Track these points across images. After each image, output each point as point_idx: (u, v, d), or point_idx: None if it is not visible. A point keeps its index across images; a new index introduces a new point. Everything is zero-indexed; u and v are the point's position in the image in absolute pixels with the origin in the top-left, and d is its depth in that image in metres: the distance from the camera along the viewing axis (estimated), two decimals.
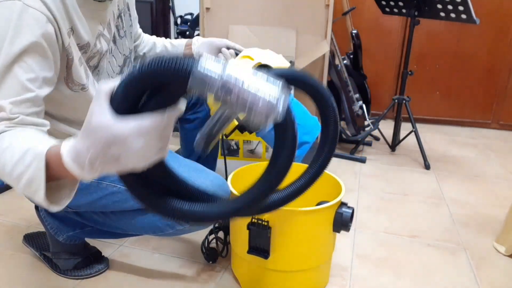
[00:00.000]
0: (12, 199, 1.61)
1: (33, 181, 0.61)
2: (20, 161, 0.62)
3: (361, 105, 2.26)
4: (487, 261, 1.31)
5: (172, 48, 1.28)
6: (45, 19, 0.76)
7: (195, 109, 1.28)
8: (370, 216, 1.57)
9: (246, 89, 0.45)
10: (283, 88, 0.47)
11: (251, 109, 0.46)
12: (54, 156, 0.58)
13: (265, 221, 1.00)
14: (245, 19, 2.01)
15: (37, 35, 0.75)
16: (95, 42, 0.92)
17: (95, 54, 0.94)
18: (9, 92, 0.74)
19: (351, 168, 2.06)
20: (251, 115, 0.46)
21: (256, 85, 0.46)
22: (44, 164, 0.59)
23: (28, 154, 0.62)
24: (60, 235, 1.13)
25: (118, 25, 1.03)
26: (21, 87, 0.75)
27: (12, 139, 0.68)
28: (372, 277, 1.21)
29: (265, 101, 0.45)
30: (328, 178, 1.20)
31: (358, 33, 2.34)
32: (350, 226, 1.05)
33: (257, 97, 0.45)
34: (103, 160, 0.50)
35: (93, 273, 1.17)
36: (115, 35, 1.02)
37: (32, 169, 0.60)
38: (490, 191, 1.84)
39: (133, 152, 0.49)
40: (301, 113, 1.16)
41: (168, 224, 1.02)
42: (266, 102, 0.45)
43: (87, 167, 0.52)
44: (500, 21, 2.62)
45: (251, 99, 0.45)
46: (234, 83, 0.45)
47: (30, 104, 0.77)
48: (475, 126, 2.89)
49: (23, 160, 0.62)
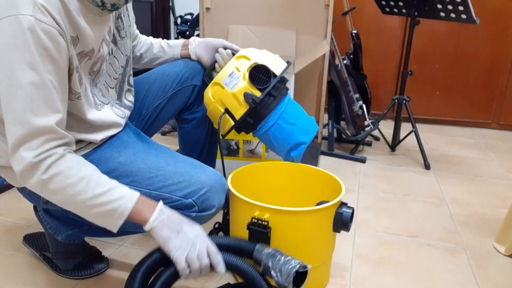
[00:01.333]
0: (12, 199, 1.62)
1: (115, 213, 0.84)
2: (107, 193, 0.83)
3: (361, 105, 2.26)
4: (487, 261, 1.31)
5: (169, 48, 1.29)
6: (56, 32, 0.78)
7: (193, 109, 1.28)
8: (370, 216, 1.57)
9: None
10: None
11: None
12: (136, 208, 0.86)
13: (265, 221, 1.00)
14: (245, 19, 2.01)
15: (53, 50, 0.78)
16: (99, 47, 0.93)
17: (99, 59, 0.95)
18: (47, 109, 0.80)
19: (351, 168, 2.06)
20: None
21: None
22: (132, 206, 0.85)
23: (117, 190, 0.85)
24: (59, 235, 1.13)
25: (118, 26, 1.03)
26: (53, 105, 0.81)
27: (89, 171, 0.85)
28: (372, 277, 1.21)
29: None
30: (328, 178, 1.20)
31: (358, 33, 2.34)
32: (350, 226, 1.05)
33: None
34: (170, 240, 0.85)
35: (93, 273, 1.17)
36: (115, 36, 1.02)
37: (119, 204, 0.84)
38: (490, 191, 1.85)
39: (190, 236, 0.86)
40: (298, 114, 1.16)
41: None
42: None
43: (152, 224, 0.86)
44: (500, 21, 2.62)
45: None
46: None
47: (63, 122, 0.84)
48: (475, 126, 2.89)
49: (110, 193, 0.84)
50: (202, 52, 1.25)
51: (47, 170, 0.80)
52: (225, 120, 1.12)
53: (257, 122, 1.13)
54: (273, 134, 1.14)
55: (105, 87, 1.03)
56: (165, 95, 1.23)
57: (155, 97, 1.23)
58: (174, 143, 2.36)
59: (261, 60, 1.10)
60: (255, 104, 1.07)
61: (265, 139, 1.17)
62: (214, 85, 1.11)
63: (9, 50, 0.74)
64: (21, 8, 0.74)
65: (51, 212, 1.12)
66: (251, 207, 1.01)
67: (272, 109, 1.12)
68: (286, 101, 1.14)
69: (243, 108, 1.09)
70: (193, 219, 0.95)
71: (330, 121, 2.23)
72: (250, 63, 1.09)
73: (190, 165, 0.98)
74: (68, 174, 0.82)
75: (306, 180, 1.27)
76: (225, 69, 1.11)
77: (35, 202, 1.04)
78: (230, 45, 1.24)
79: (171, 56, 1.28)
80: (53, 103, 0.80)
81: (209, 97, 1.13)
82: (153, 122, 1.25)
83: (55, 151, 0.82)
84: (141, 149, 1.02)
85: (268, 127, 1.13)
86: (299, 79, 2.07)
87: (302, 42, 2.00)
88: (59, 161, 0.82)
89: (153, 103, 1.23)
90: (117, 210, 0.84)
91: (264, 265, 0.91)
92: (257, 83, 1.08)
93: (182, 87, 1.23)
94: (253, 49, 1.15)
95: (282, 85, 1.15)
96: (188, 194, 0.95)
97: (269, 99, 1.10)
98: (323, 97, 2.10)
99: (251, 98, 1.07)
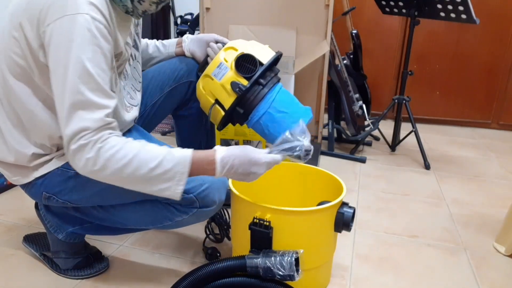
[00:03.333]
0: (12, 199, 1.61)
1: (175, 177, 0.85)
2: (164, 159, 0.84)
3: (361, 105, 2.26)
4: (487, 261, 1.31)
5: (164, 48, 1.30)
6: (106, 32, 0.83)
7: (189, 105, 1.30)
8: (370, 216, 1.57)
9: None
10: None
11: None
12: (196, 160, 0.87)
13: (266, 221, 1.00)
14: (245, 19, 2.01)
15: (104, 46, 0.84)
16: (125, 50, 0.98)
17: (124, 61, 0.99)
18: (104, 98, 0.84)
19: (351, 168, 2.06)
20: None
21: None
22: (188, 170, 0.86)
23: (169, 156, 0.85)
24: (60, 233, 1.13)
25: (138, 33, 1.10)
26: (108, 93, 0.85)
27: (139, 146, 0.86)
28: (372, 277, 1.21)
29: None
30: (329, 178, 1.20)
31: (358, 33, 2.34)
32: (351, 226, 1.05)
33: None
34: (237, 169, 0.88)
35: (93, 272, 1.17)
36: (136, 41, 1.08)
37: (178, 167, 0.85)
38: (490, 191, 1.85)
39: (259, 172, 0.90)
40: (289, 102, 1.15)
41: (166, 216, 1.02)
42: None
43: (226, 169, 0.87)
44: (500, 21, 2.62)
45: None
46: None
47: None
48: (475, 126, 2.89)
49: (166, 159, 0.85)
50: (195, 48, 1.27)
51: (97, 158, 0.82)
52: (216, 111, 1.12)
53: (247, 112, 1.12)
54: (265, 123, 1.13)
55: (132, 90, 1.08)
56: (162, 92, 1.25)
57: (152, 94, 1.25)
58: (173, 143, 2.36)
59: (248, 50, 1.10)
60: (242, 93, 1.07)
61: (257, 129, 1.17)
62: (204, 77, 1.12)
63: (74, 45, 0.79)
64: (79, 7, 0.79)
65: (52, 209, 1.13)
66: (252, 207, 1.01)
67: (261, 97, 1.11)
68: (276, 90, 1.13)
69: (231, 98, 1.09)
70: (194, 214, 0.96)
71: (330, 121, 2.23)
72: (237, 53, 1.09)
73: None
74: (119, 157, 0.83)
75: (307, 180, 1.27)
76: (214, 61, 1.11)
77: (37, 199, 1.05)
78: (221, 38, 1.26)
79: (166, 56, 1.30)
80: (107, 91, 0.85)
81: (200, 89, 1.13)
82: (151, 119, 1.27)
83: (102, 134, 0.84)
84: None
85: (259, 116, 1.12)
86: (299, 79, 2.07)
87: (302, 42, 2.00)
88: (106, 146, 0.83)
89: (150, 101, 1.25)
90: (174, 177, 0.85)
91: (263, 268, 0.94)
92: (244, 72, 1.08)
93: (178, 84, 1.25)
94: (241, 40, 1.16)
95: (272, 74, 1.14)
96: (189, 190, 0.96)
97: (257, 87, 1.10)
98: (323, 97, 2.10)
99: (238, 86, 1.07)
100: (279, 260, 0.94)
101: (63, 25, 0.79)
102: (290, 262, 0.94)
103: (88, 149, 0.81)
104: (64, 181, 0.98)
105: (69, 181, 0.97)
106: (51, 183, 0.98)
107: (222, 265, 0.96)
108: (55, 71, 0.81)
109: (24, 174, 0.99)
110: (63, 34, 0.79)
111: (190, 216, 0.98)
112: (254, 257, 0.97)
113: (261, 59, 1.10)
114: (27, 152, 0.95)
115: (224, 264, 0.97)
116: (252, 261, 0.96)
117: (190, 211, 0.96)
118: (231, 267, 0.96)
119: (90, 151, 0.81)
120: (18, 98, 0.90)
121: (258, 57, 1.09)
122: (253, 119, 1.13)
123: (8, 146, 0.96)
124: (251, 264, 0.96)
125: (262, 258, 0.96)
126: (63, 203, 1.01)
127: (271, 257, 0.95)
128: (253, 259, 0.96)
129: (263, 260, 0.95)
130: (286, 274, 0.94)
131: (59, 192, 0.99)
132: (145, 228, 1.10)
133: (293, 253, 0.96)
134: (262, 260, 0.95)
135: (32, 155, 0.96)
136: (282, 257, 0.95)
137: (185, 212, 0.98)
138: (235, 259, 0.97)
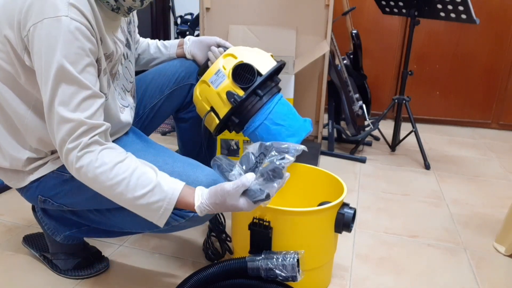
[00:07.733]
0: (12, 199, 1.61)
1: (159, 210, 0.86)
2: (152, 191, 0.84)
3: (361, 105, 2.26)
4: (487, 261, 1.31)
5: (165, 49, 1.29)
6: (88, 33, 0.81)
7: (190, 108, 1.29)
8: (370, 216, 1.57)
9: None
10: None
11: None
12: (181, 198, 0.86)
13: (266, 222, 1.00)
14: (245, 19, 2.01)
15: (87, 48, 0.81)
16: (116, 49, 0.96)
17: (117, 61, 0.97)
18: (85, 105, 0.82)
19: (351, 168, 2.06)
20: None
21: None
22: (172, 207, 0.86)
23: (157, 189, 0.84)
24: (57, 235, 1.13)
25: (130, 31, 1.07)
26: (92, 98, 0.83)
27: (132, 164, 0.85)
28: (372, 277, 1.21)
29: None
30: (330, 178, 1.20)
31: (358, 33, 2.34)
32: (352, 227, 1.05)
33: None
34: (218, 209, 0.86)
35: (93, 273, 1.17)
36: (129, 40, 1.06)
37: (163, 202, 0.85)
38: (490, 191, 1.85)
39: (237, 203, 0.84)
40: (287, 114, 1.12)
41: None
42: None
43: (205, 212, 0.86)
44: (500, 21, 2.62)
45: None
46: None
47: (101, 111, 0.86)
48: (475, 126, 2.89)
49: (153, 192, 0.84)
50: (196, 51, 1.25)
51: (87, 171, 0.82)
52: (211, 118, 1.10)
53: (243, 122, 1.11)
54: (260, 135, 1.12)
55: (123, 90, 1.06)
56: (162, 94, 1.24)
57: (152, 96, 1.24)
58: (174, 143, 2.36)
59: (248, 58, 1.07)
60: (237, 104, 1.05)
61: (254, 139, 1.15)
62: (202, 83, 1.11)
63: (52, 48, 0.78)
64: (58, 9, 0.77)
65: (49, 213, 1.13)
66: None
67: (258, 108, 1.09)
68: (275, 101, 1.11)
69: (226, 107, 1.07)
70: (191, 218, 0.95)
71: (330, 121, 2.23)
72: (236, 62, 1.07)
73: (188, 164, 0.98)
74: (107, 177, 0.83)
75: (307, 180, 1.27)
76: (212, 67, 1.10)
77: (34, 202, 1.04)
78: (223, 42, 1.23)
79: (167, 57, 1.29)
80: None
81: (197, 95, 1.12)
82: (150, 122, 1.26)
83: (92, 148, 0.83)
84: (140, 148, 1.02)
85: (255, 127, 1.11)
86: (299, 79, 2.07)
87: (302, 42, 2.00)
88: (95, 162, 0.82)
89: (150, 103, 1.24)
90: (158, 210, 0.86)
91: (264, 269, 0.94)
92: (241, 82, 1.06)
93: (179, 86, 1.24)
94: (243, 47, 1.13)
95: (272, 84, 1.12)
96: None
97: (254, 98, 1.08)
98: (323, 97, 2.10)
99: (233, 97, 1.05)
100: (281, 262, 0.95)
101: (43, 30, 0.77)
102: (292, 263, 0.94)
103: (81, 155, 0.82)
104: (60, 184, 0.97)
105: (65, 184, 0.97)
106: (47, 186, 0.98)
107: (221, 268, 0.96)
108: (40, 76, 0.80)
109: (20, 179, 0.98)
110: (43, 40, 0.77)
111: (187, 221, 0.97)
112: (254, 258, 0.97)
113: (261, 69, 1.07)
114: (22, 157, 0.95)
115: (224, 267, 0.97)
116: (253, 263, 0.96)
117: (186, 216, 0.95)
118: (231, 270, 0.97)
119: (82, 159, 0.82)
120: (8, 104, 0.89)
121: (257, 66, 1.06)
122: (249, 129, 1.11)
123: (3, 152, 0.96)
124: (252, 266, 0.96)
125: (263, 259, 0.96)
126: (58, 206, 1.01)
127: (273, 259, 0.96)
128: (254, 261, 0.96)
129: (264, 261, 0.95)
130: (289, 275, 0.94)
131: (54, 195, 0.99)
132: (142, 232, 1.10)
133: (294, 254, 0.96)
134: (263, 261, 0.95)
135: (26, 160, 0.95)
136: (284, 258, 0.95)
137: (181, 217, 0.97)
138: (235, 261, 0.97)
